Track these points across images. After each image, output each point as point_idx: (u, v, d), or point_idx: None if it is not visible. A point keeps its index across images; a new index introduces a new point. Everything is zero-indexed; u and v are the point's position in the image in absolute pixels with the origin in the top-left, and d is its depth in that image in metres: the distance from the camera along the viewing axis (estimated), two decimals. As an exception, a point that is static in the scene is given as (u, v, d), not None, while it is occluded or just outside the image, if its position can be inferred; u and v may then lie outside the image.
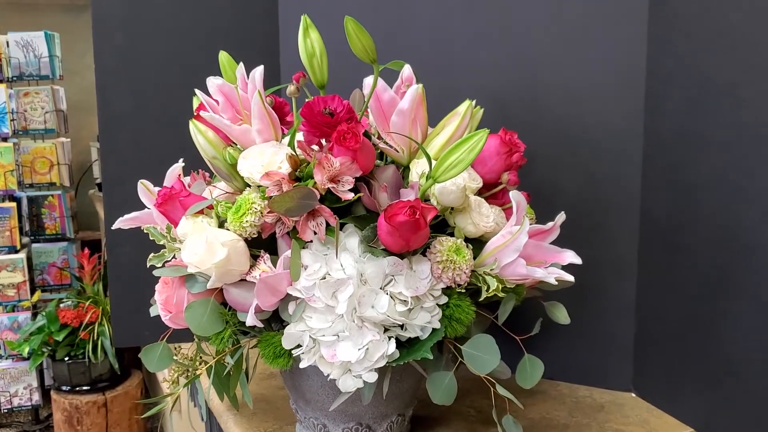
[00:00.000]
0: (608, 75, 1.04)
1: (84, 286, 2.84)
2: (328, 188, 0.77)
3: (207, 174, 0.96)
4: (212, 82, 0.84)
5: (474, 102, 0.84)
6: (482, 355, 0.80)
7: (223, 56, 0.91)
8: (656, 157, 1.01)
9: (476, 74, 1.09)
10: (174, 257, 0.84)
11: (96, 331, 2.64)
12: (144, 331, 1.31)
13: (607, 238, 1.06)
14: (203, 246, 0.76)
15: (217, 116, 0.79)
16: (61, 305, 2.74)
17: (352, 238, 0.79)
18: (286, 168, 0.79)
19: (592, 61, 1.04)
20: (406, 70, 0.87)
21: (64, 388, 2.75)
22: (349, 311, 0.75)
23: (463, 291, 0.80)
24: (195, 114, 0.89)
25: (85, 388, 2.73)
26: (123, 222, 0.91)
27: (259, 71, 0.82)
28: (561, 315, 0.89)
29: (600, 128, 1.05)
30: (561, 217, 0.84)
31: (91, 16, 1.22)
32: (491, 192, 0.88)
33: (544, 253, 0.83)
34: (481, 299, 0.80)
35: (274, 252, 0.82)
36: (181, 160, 0.95)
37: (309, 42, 0.89)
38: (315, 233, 0.78)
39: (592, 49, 1.04)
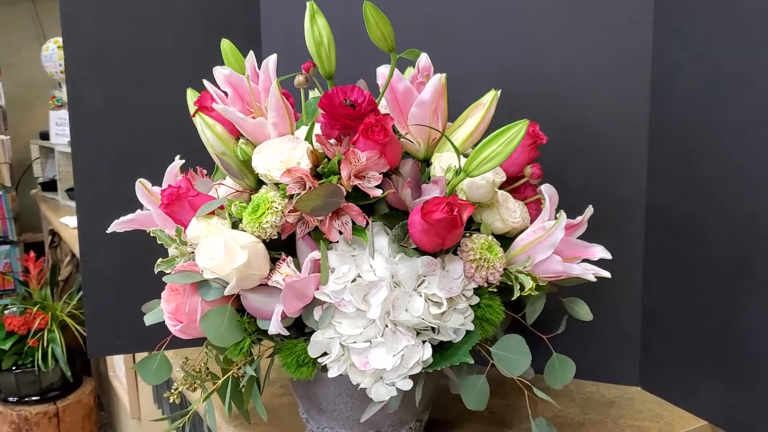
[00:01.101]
0: (613, 64, 1.01)
1: (30, 291, 2.70)
2: (354, 185, 0.72)
3: (204, 171, 0.90)
4: (219, 72, 0.78)
5: (499, 92, 0.80)
6: (513, 356, 0.77)
7: (226, 44, 0.85)
8: (663, 148, 0.99)
9: (478, 63, 1.06)
10: (180, 262, 0.77)
11: (45, 338, 2.52)
12: (119, 341, 1.24)
13: (613, 230, 1.03)
14: (221, 250, 0.70)
15: (230, 109, 0.74)
16: (6, 312, 2.59)
17: (380, 238, 0.74)
18: (306, 164, 0.74)
19: (597, 50, 1.01)
20: (423, 59, 0.83)
21: (11, 399, 2.61)
22: (382, 315, 0.71)
23: (495, 290, 0.77)
24: (197, 107, 0.82)
25: (34, 398, 2.60)
26: (119, 225, 0.84)
27: (272, 60, 0.76)
28: (583, 311, 0.86)
29: (605, 119, 1.03)
30: (589, 210, 0.81)
31: (59, 2, 1.13)
32: (513, 186, 0.85)
33: (573, 249, 0.80)
34: (513, 299, 0.77)
35: (292, 254, 0.76)
36: (178, 156, 0.89)
37: (316, 29, 0.84)
38: (340, 233, 0.73)
39: (596, 37, 1.01)
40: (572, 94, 1.03)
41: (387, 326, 0.71)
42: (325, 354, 0.74)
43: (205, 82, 0.77)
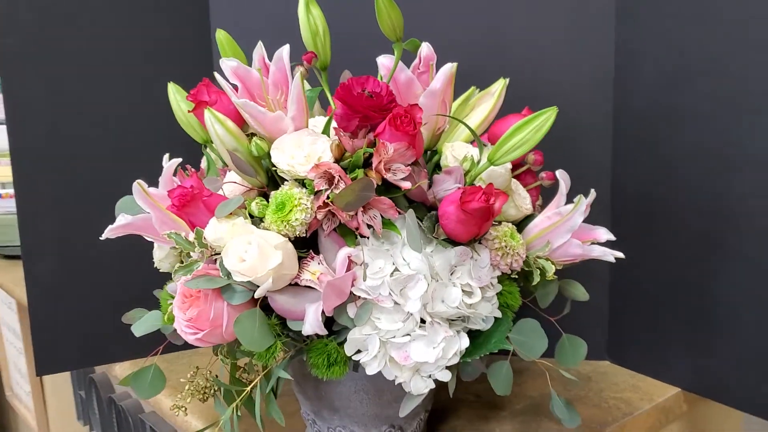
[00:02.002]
0: (577, 52, 1.05)
1: None
2: (383, 178, 0.71)
3: (194, 170, 0.85)
4: (226, 64, 0.74)
5: (507, 81, 0.81)
6: (530, 340, 0.78)
7: (221, 34, 0.81)
8: (628, 134, 1.04)
9: (443, 49, 1.05)
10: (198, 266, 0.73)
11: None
12: (72, 354, 1.16)
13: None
14: (255, 251, 0.67)
15: (251, 102, 0.70)
16: None
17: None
18: (328, 158, 0.72)
19: (561, 38, 1.04)
20: (425, 49, 0.82)
21: None
22: (421, 308, 0.70)
23: (515, 277, 0.78)
24: (195, 102, 0.78)
25: None
26: (113, 231, 0.79)
27: (286, 51, 0.74)
28: (579, 292, 0.89)
29: (569, 104, 1.06)
30: (592, 194, 0.83)
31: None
32: (516, 173, 0.86)
33: (578, 232, 0.82)
34: (534, 284, 0.78)
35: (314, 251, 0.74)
36: (167, 156, 0.84)
37: (311, 19, 0.82)
38: (370, 227, 0.72)
39: (560, 26, 1.04)
40: (535, 78, 1.05)
41: (427, 319, 0.70)
42: (358, 351, 0.73)
43: (217, 75, 0.73)
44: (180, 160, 0.81)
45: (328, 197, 0.69)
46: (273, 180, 0.76)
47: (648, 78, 1.00)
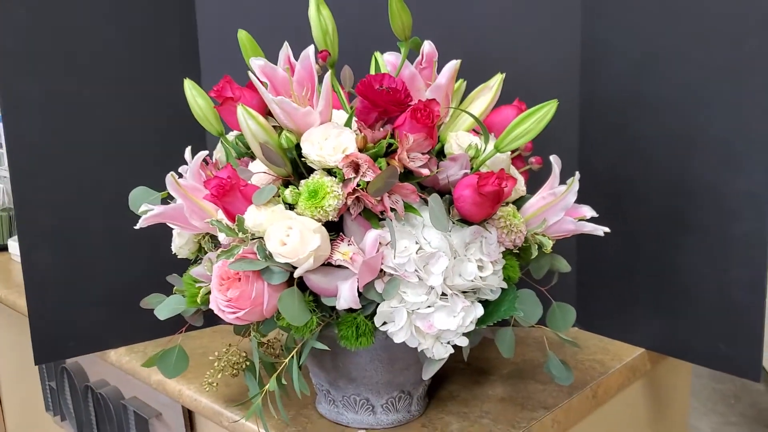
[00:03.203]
0: (545, 44, 1.14)
1: None
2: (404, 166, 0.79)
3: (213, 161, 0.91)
4: (255, 62, 0.80)
5: (504, 75, 0.90)
6: (528, 307, 0.88)
7: (243, 34, 0.87)
8: (595, 120, 1.14)
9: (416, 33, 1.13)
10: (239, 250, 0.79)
11: None
12: (69, 342, 1.19)
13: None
14: (297, 235, 0.74)
15: (287, 99, 0.77)
16: None
17: (425, 212, 0.81)
18: (353, 148, 0.79)
19: (529, 32, 1.13)
20: (427, 46, 0.90)
21: None
22: (442, 282, 0.78)
23: (517, 252, 0.87)
24: (221, 99, 0.84)
25: None
26: (147, 220, 0.84)
27: (311, 50, 0.80)
28: (562, 264, 0.98)
29: (540, 92, 1.15)
30: (576, 176, 0.93)
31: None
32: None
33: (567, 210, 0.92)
34: (532, 258, 0.87)
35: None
36: (189, 148, 0.89)
37: (322, 19, 0.89)
38: (393, 210, 0.79)
39: (529, 19, 1.13)
40: (505, 68, 1.14)
41: (448, 291, 0.79)
42: (383, 323, 0.80)
43: (250, 74, 0.79)
44: (206, 152, 0.86)
45: (358, 184, 0.77)
46: (296, 169, 0.83)
47: (615, 66, 1.10)
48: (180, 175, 0.90)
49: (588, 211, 0.92)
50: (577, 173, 0.93)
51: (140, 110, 1.17)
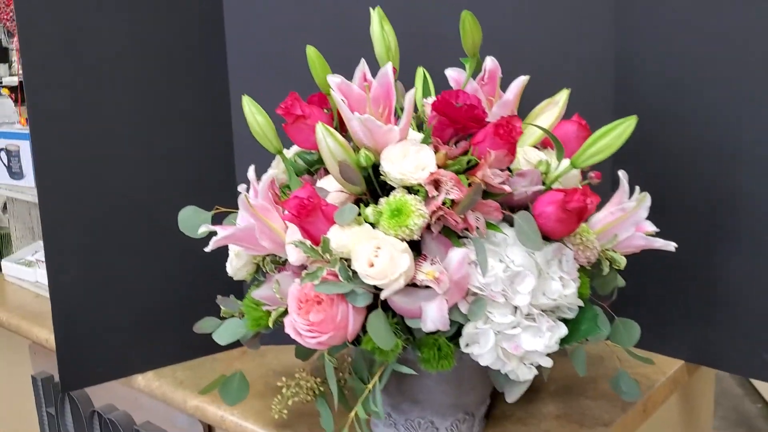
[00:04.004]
0: (577, 61, 1.14)
1: None
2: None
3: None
4: (332, 80, 0.78)
5: (570, 91, 0.89)
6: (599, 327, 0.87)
7: (311, 51, 0.85)
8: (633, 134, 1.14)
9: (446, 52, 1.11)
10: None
11: None
12: (98, 368, 1.15)
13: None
14: (386, 255, 0.72)
15: (371, 117, 0.75)
16: None
17: (507, 229, 0.80)
18: (433, 166, 0.77)
19: (562, 49, 1.12)
20: (489, 62, 0.89)
21: None
22: (529, 302, 0.77)
23: (589, 269, 0.86)
24: (291, 116, 0.81)
25: None
26: (218, 242, 0.81)
27: (390, 67, 0.78)
28: (619, 280, 0.98)
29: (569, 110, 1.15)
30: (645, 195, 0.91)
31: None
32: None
33: (629, 225, 0.91)
34: (605, 274, 0.87)
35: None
36: (251, 168, 0.86)
37: (385, 35, 0.87)
38: (477, 228, 0.78)
39: (561, 40, 1.12)
40: (538, 87, 1.13)
41: (534, 311, 0.78)
42: (466, 345, 0.79)
43: (332, 92, 0.77)
44: (275, 172, 0.84)
45: (444, 202, 0.75)
46: (371, 187, 0.81)
47: (650, 83, 1.10)
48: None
49: (649, 226, 0.92)
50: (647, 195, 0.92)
51: (169, 124, 1.13)
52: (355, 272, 0.76)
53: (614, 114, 1.13)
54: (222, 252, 0.89)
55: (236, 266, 0.89)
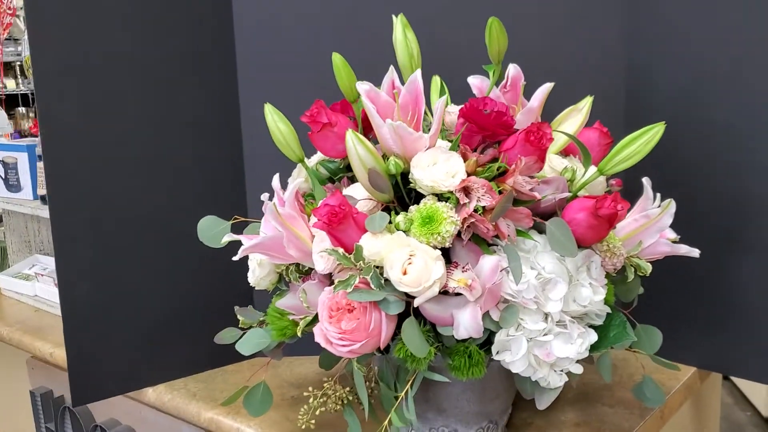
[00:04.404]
0: (588, 70, 1.14)
1: None
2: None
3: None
4: (361, 87, 0.78)
5: (593, 98, 0.89)
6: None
7: (337, 58, 0.84)
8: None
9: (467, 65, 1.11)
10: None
11: None
12: (108, 382, 1.13)
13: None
14: (420, 263, 0.72)
15: (403, 124, 0.74)
16: None
17: (536, 236, 0.80)
18: (463, 173, 0.77)
19: (572, 60, 1.13)
20: (512, 69, 0.89)
21: None
22: (560, 308, 0.77)
23: (614, 275, 0.86)
24: (318, 124, 0.81)
25: None
26: (245, 251, 0.80)
27: (419, 75, 0.78)
28: (638, 287, 0.98)
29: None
30: (670, 203, 0.92)
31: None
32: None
33: (650, 232, 0.92)
34: (630, 281, 0.87)
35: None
36: (276, 176, 0.85)
37: (408, 42, 0.87)
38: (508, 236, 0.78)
39: (572, 49, 1.13)
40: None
41: (566, 318, 0.77)
42: (497, 352, 0.78)
43: (363, 99, 0.76)
44: (301, 180, 0.83)
45: (476, 209, 0.75)
46: (399, 195, 0.80)
47: (662, 92, 1.11)
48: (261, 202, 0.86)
49: (669, 233, 0.92)
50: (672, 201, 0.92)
51: (178, 133, 1.12)
52: (387, 280, 0.75)
53: (625, 122, 1.14)
54: (232, 263, 0.89)
55: (259, 276, 0.88)
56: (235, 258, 0.80)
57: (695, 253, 0.88)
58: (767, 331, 1.05)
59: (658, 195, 0.92)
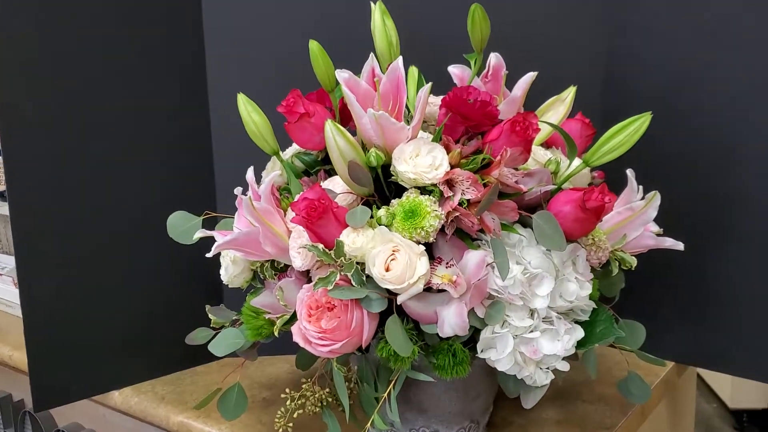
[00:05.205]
0: (569, 57, 1.12)
1: None
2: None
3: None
4: (340, 75, 0.75)
5: (576, 88, 0.87)
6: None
7: (314, 45, 0.81)
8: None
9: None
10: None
11: None
12: (71, 386, 1.08)
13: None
14: (404, 259, 0.69)
15: (386, 114, 0.71)
16: None
17: (521, 230, 0.77)
18: (447, 165, 0.75)
19: (553, 45, 1.10)
20: (494, 58, 0.87)
21: None
22: (547, 304, 0.75)
23: (599, 270, 0.84)
24: (295, 114, 0.77)
25: None
26: (220, 247, 0.76)
27: (400, 62, 0.75)
28: (620, 281, 0.97)
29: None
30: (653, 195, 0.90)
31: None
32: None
33: (633, 225, 0.90)
34: (614, 275, 0.85)
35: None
36: (250, 169, 0.82)
37: (387, 30, 0.85)
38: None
39: (553, 34, 1.11)
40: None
41: (553, 314, 0.75)
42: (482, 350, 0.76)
43: (343, 88, 0.73)
44: (277, 173, 0.80)
45: (460, 203, 0.72)
46: (380, 188, 0.77)
47: (645, 80, 1.09)
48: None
49: (654, 226, 0.91)
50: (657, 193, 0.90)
51: (145, 128, 1.07)
52: (369, 277, 0.72)
53: (603, 112, 1.12)
54: (200, 260, 0.85)
55: (232, 273, 0.85)
56: (209, 255, 0.76)
57: (680, 246, 0.87)
58: (748, 325, 1.04)
59: (641, 187, 0.90)
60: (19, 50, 0.96)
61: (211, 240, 0.80)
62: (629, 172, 0.87)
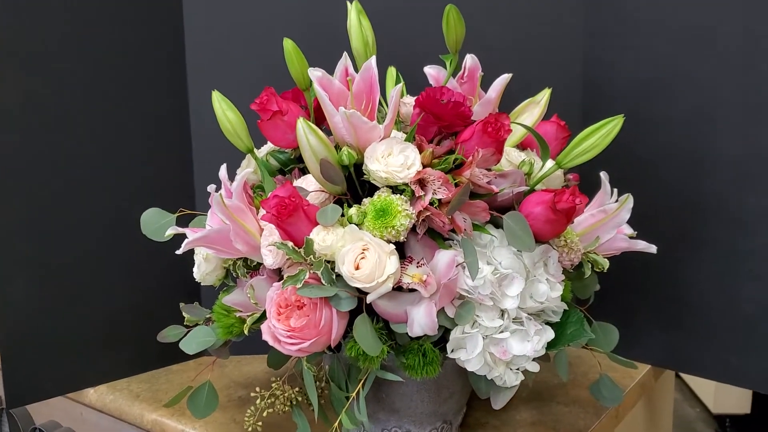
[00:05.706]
0: (546, 64, 1.13)
1: None
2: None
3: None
4: (313, 73, 0.75)
5: (551, 90, 0.87)
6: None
7: (289, 44, 0.81)
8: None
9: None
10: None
11: None
12: (46, 383, 1.07)
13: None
14: (373, 258, 0.69)
15: (357, 113, 0.71)
16: None
17: (493, 230, 0.77)
18: (419, 164, 0.75)
19: (531, 52, 1.11)
20: (470, 60, 0.87)
21: None
22: (517, 305, 0.75)
23: (570, 271, 0.85)
24: (268, 112, 0.77)
25: None
26: (190, 244, 0.76)
27: (374, 62, 0.75)
28: (594, 284, 0.97)
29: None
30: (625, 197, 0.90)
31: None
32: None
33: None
34: (586, 277, 0.85)
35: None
36: (223, 166, 0.82)
37: (363, 30, 0.85)
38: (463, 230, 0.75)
39: (531, 42, 1.11)
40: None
41: (523, 315, 0.75)
42: (452, 350, 0.76)
43: (316, 87, 0.73)
44: (250, 170, 0.79)
45: (431, 202, 0.72)
46: (352, 187, 0.77)
47: (620, 87, 1.10)
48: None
49: (627, 229, 0.91)
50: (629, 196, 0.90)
51: (123, 124, 1.07)
52: (338, 275, 0.72)
53: (582, 116, 1.12)
54: (178, 258, 0.84)
55: (205, 271, 0.84)
56: (179, 252, 0.76)
57: (653, 248, 0.87)
58: (722, 328, 1.04)
59: (615, 190, 0.90)
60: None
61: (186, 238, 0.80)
62: (603, 175, 0.87)
